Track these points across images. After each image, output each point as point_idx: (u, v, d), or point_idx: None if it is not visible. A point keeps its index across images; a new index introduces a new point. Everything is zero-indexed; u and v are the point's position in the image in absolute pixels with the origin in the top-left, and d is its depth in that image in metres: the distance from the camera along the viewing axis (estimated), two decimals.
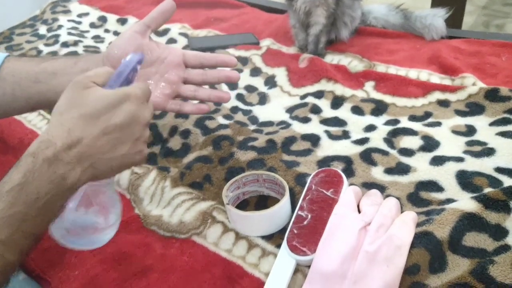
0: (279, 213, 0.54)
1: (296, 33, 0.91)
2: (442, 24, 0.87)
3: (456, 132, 0.65)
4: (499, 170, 0.56)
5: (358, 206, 0.53)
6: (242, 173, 0.62)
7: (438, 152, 0.61)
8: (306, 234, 0.50)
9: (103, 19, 1.19)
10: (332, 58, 0.88)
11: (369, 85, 0.78)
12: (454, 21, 1.56)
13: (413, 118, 0.69)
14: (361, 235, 0.49)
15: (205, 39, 1.00)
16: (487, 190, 0.52)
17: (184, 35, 1.04)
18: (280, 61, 0.88)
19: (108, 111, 0.41)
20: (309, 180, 0.57)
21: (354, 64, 0.85)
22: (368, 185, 0.58)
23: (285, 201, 0.53)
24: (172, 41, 1.04)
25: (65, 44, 1.07)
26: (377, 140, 0.65)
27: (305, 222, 0.51)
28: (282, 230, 0.54)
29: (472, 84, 0.72)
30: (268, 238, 0.54)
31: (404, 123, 0.68)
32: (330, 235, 0.49)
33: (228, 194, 0.56)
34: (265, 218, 0.53)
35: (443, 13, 0.87)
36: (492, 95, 0.68)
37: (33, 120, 0.84)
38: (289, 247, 0.50)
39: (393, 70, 0.82)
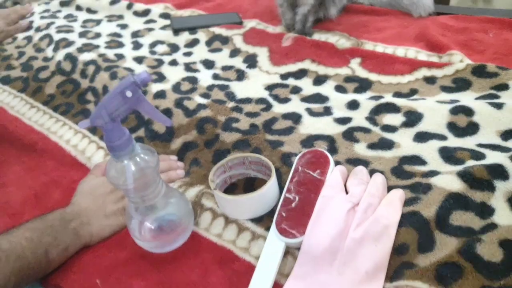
0: (267, 194, 0.53)
1: (283, 12, 0.89)
2: (430, 1, 0.86)
3: (440, 102, 0.64)
4: (481, 145, 0.56)
5: (345, 185, 0.53)
6: (228, 154, 0.62)
7: (421, 127, 0.60)
8: (295, 217, 0.50)
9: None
10: (319, 37, 0.86)
11: (355, 62, 0.76)
12: None
13: (398, 95, 0.68)
14: (349, 216, 0.48)
15: (187, 19, 0.98)
16: (470, 162, 0.52)
17: (166, 16, 1.02)
18: (263, 41, 0.86)
19: (96, 188, 0.58)
20: (295, 161, 0.56)
21: (342, 42, 0.84)
22: (352, 161, 0.58)
23: (272, 182, 0.53)
24: (151, 21, 1.01)
25: (38, 29, 1.04)
26: (359, 119, 0.64)
27: (293, 205, 0.51)
28: (271, 212, 0.54)
29: (460, 61, 0.71)
30: (257, 221, 0.54)
31: (388, 98, 0.67)
32: (318, 217, 0.49)
33: (214, 179, 0.55)
34: (253, 201, 0.52)
35: None
36: (479, 71, 0.67)
37: (16, 106, 0.82)
38: (278, 230, 0.49)
39: (380, 48, 0.80)
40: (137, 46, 0.91)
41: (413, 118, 0.62)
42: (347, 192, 0.52)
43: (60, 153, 0.70)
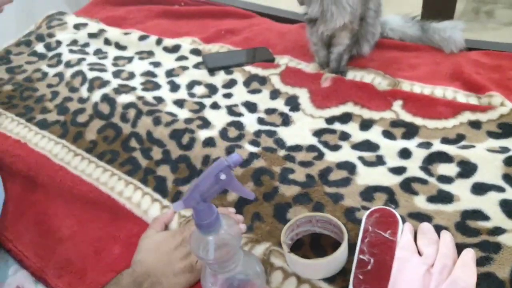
0: (341, 256, 0.55)
1: (317, 50, 0.90)
2: (461, 37, 0.88)
3: (492, 150, 0.66)
4: None
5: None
6: (289, 208, 0.63)
7: (477, 178, 0.63)
8: (372, 280, 0.51)
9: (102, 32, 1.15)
10: (354, 75, 0.88)
11: (397, 105, 0.78)
12: (446, 9, 1.58)
13: (446, 141, 0.71)
14: (426, 278, 0.50)
15: (219, 56, 0.98)
16: None
17: (196, 51, 1.02)
18: (301, 81, 0.87)
19: (160, 245, 0.59)
20: (364, 220, 0.58)
21: (378, 81, 0.86)
22: (414, 215, 0.60)
23: (346, 244, 0.55)
24: (183, 58, 1.02)
25: (68, 64, 1.04)
26: (414, 169, 0.66)
27: (369, 267, 0.53)
28: (342, 271, 0.56)
29: (500, 104, 0.74)
30: (330, 280, 0.55)
31: (437, 145, 0.69)
32: (396, 281, 0.50)
33: (286, 241, 0.57)
34: (329, 263, 0.54)
35: (461, 26, 0.88)
36: None
37: (59, 153, 0.82)
38: None
39: (418, 88, 0.82)
40: (174, 87, 0.92)
41: (467, 168, 0.64)
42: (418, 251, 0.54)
43: (114, 205, 0.71)
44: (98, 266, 0.64)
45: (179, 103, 0.87)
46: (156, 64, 1.00)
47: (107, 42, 1.10)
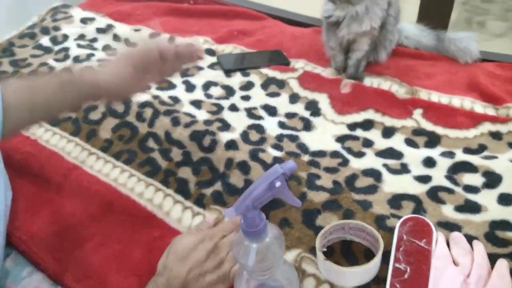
0: (377, 264, 0.55)
1: (334, 55, 0.90)
2: (476, 48, 0.90)
3: None
4: None
5: None
6: (318, 214, 0.63)
7: (503, 189, 0.64)
8: None
9: (110, 28, 1.12)
10: (371, 82, 0.89)
11: (417, 113, 0.79)
12: (441, 18, 1.60)
13: (468, 151, 0.72)
14: None
15: (235, 58, 0.98)
16: None
17: (210, 51, 1.01)
18: (320, 86, 0.87)
19: (191, 252, 0.55)
20: (397, 228, 0.58)
21: (395, 88, 0.86)
22: (443, 225, 0.60)
23: (381, 253, 0.55)
24: None
25: (77, 59, 1.02)
26: (439, 178, 0.67)
27: (405, 276, 0.53)
28: (375, 279, 0.56)
29: None
30: None
31: (460, 155, 0.70)
32: None
33: (321, 248, 0.56)
34: (365, 271, 0.54)
35: (476, 37, 0.90)
36: None
37: (72, 152, 0.80)
38: None
39: (435, 97, 0.83)
40: (189, 87, 0.90)
41: (493, 179, 0.65)
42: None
43: (134, 207, 0.69)
44: (119, 271, 0.62)
45: (196, 103, 0.86)
46: None
47: (116, 38, 1.08)
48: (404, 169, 0.69)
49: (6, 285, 0.62)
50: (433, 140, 0.74)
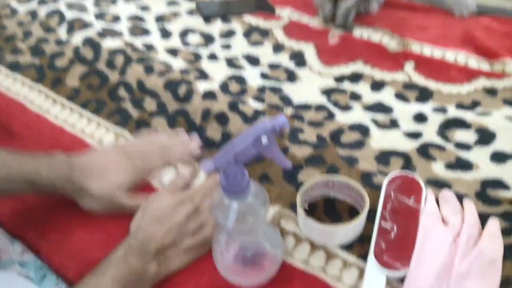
0: (361, 222, 0.51)
1: (322, 4, 0.84)
2: (473, 0, 0.84)
3: (510, 119, 0.64)
4: None
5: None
6: (300, 169, 0.59)
7: (497, 146, 0.60)
8: (395, 248, 0.48)
9: None
10: (361, 33, 0.83)
11: (409, 66, 0.74)
12: None
13: (460, 106, 0.67)
14: (452, 248, 0.47)
15: (215, 4, 0.90)
16: None
17: None
18: (306, 36, 0.81)
19: (169, 214, 0.50)
20: (384, 185, 0.54)
21: (386, 40, 0.81)
22: (433, 182, 0.57)
23: (367, 210, 0.51)
24: (174, 3, 0.93)
25: (42, 1, 0.93)
26: (430, 134, 0.63)
27: (391, 235, 0.49)
28: (359, 238, 0.52)
29: None
30: (347, 247, 0.52)
31: (453, 111, 0.66)
32: (421, 251, 0.47)
33: (303, 205, 0.52)
34: (349, 229, 0.50)
35: None
36: None
37: (35, 100, 0.73)
38: (379, 262, 0.48)
39: (428, 49, 0.78)
40: (165, 34, 0.83)
41: (486, 136, 0.61)
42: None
43: None
44: (85, 225, 0.57)
45: (173, 51, 0.79)
46: (144, 8, 0.90)
47: None
48: (393, 124, 0.65)
49: None
50: (424, 95, 0.69)
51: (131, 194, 0.55)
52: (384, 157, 0.60)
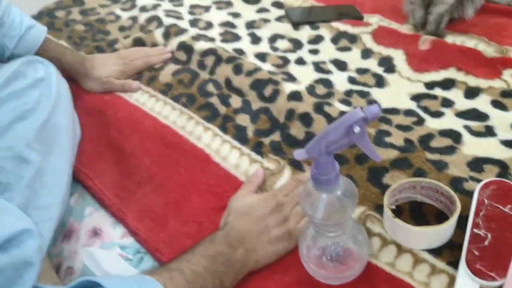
0: (451, 227, 0.49)
1: (414, 9, 0.82)
2: None
3: None
4: None
5: None
6: (386, 172, 0.58)
7: None
8: (490, 257, 0.45)
9: None
10: (454, 40, 0.80)
11: (508, 74, 0.70)
12: None
13: None
14: None
15: (304, 11, 0.92)
16: None
17: (278, 4, 0.96)
18: (395, 42, 0.80)
19: (253, 209, 0.53)
20: (477, 191, 0.52)
21: (482, 47, 0.77)
22: None
23: (457, 215, 0.49)
24: (264, 10, 0.96)
25: (144, 9, 1.01)
26: None
27: (485, 243, 0.47)
28: (448, 244, 0.50)
29: None
30: (435, 253, 0.49)
31: None
32: None
33: (391, 206, 0.51)
34: (438, 233, 0.48)
35: None
36: None
37: (133, 94, 0.79)
38: (472, 271, 0.45)
39: None
40: (255, 39, 0.86)
41: None
42: None
43: (192, 150, 0.67)
44: (179, 215, 0.60)
45: (261, 56, 0.82)
46: (235, 15, 0.95)
47: None
48: (489, 132, 0.62)
49: (69, 221, 0.63)
50: None
51: (119, 79, 0.79)
52: (477, 164, 0.57)
